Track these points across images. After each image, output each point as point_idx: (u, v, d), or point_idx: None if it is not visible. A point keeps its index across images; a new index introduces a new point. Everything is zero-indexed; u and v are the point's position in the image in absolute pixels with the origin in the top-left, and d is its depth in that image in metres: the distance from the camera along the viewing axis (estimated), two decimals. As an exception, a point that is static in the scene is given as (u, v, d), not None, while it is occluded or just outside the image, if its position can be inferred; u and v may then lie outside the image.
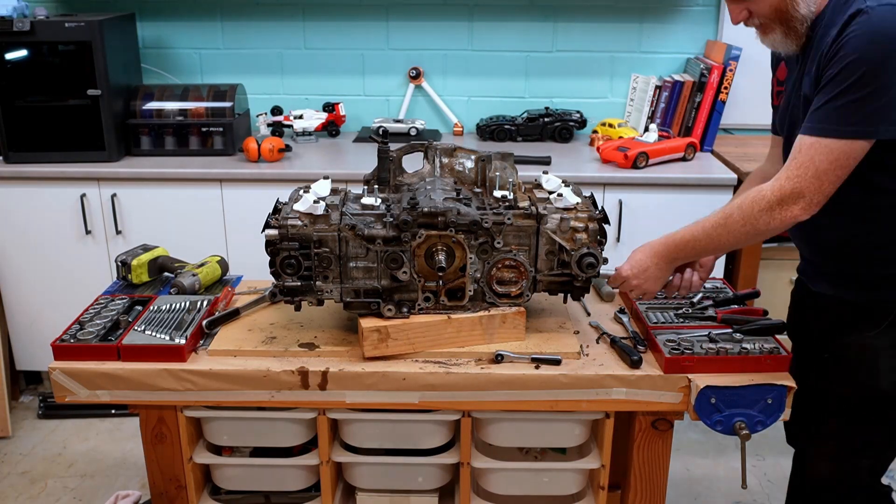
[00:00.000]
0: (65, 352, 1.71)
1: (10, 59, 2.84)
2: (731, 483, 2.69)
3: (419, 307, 1.72)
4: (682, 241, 1.68)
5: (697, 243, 1.66)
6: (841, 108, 1.45)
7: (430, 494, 1.91)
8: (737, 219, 1.57)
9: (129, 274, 2.04)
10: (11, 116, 2.87)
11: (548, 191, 1.81)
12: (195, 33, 3.34)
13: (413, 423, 1.80)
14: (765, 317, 1.82)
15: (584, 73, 3.37)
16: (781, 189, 1.51)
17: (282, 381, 1.68)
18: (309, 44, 3.36)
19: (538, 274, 1.74)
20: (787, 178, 1.50)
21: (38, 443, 2.92)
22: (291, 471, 1.87)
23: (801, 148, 1.49)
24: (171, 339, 1.72)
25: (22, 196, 2.89)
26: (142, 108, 3.03)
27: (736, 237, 1.60)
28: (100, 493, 2.63)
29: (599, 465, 1.80)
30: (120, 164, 2.92)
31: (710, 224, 1.63)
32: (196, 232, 2.89)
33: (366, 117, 3.44)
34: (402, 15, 3.31)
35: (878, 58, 1.40)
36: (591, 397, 1.68)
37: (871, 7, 1.42)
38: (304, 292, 1.71)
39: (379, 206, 1.72)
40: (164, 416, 1.76)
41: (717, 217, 1.62)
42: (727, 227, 1.60)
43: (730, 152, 3.02)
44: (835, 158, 1.46)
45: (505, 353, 1.70)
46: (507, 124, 3.25)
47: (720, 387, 1.63)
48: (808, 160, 1.47)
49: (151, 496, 1.85)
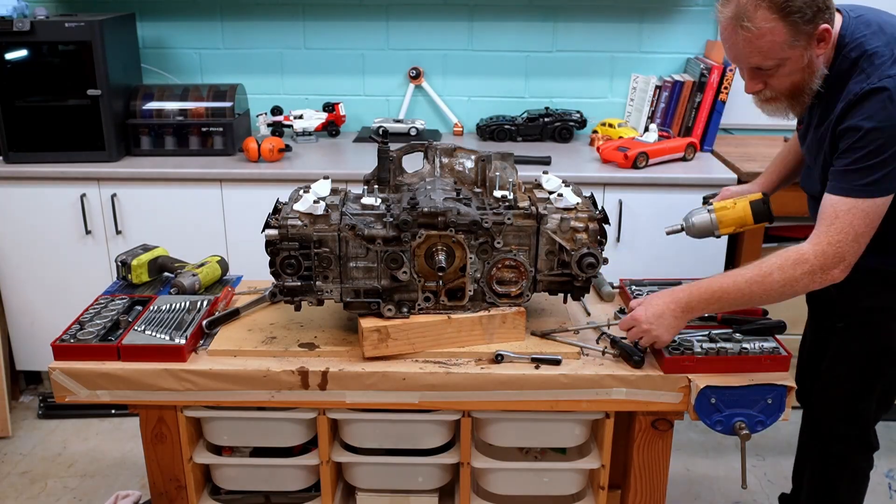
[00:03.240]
0: (65, 352, 1.71)
1: (10, 59, 2.84)
2: (731, 483, 2.69)
3: (419, 307, 1.72)
4: (709, 292, 1.63)
5: (727, 296, 1.62)
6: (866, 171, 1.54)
7: (430, 494, 1.91)
8: (777, 279, 1.58)
9: (129, 274, 2.04)
10: (11, 116, 2.87)
11: (548, 191, 1.81)
12: (195, 33, 3.34)
13: (413, 423, 1.80)
14: (765, 317, 1.82)
15: (584, 73, 3.37)
16: (825, 254, 1.56)
17: (282, 381, 1.68)
18: (309, 44, 3.36)
19: (538, 274, 1.74)
20: (829, 244, 1.56)
21: (38, 443, 2.92)
22: (291, 471, 1.88)
23: (838, 214, 1.56)
24: (171, 339, 1.72)
25: (22, 196, 2.89)
26: (142, 108, 3.03)
27: (771, 296, 1.61)
28: (100, 493, 2.63)
29: (599, 465, 1.81)
30: (120, 164, 2.92)
31: (744, 280, 1.60)
32: (196, 232, 2.89)
33: (366, 117, 3.44)
34: (402, 15, 3.31)
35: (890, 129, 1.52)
36: (591, 397, 1.68)
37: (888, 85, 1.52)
38: (304, 292, 1.71)
39: (379, 206, 1.72)
40: (164, 416, 1.76)
41: (753, 273, 1.60)
42: (764, 286, 1.59)
43: (730, 152, 3.02)
44: (870, 220, 1.56)
45: (505, 353, 1.70)
46: (507, 124, 3.25)
47: (720, 387, 1.63)
48: (847, 226, 1.55)
49: (151, 496, 1.85)
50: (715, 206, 1.90)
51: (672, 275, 2.09)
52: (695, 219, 1.91)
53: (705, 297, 1.63)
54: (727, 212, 1.88)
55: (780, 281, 1.58)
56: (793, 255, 1.58)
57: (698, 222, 1.91)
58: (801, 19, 1.52)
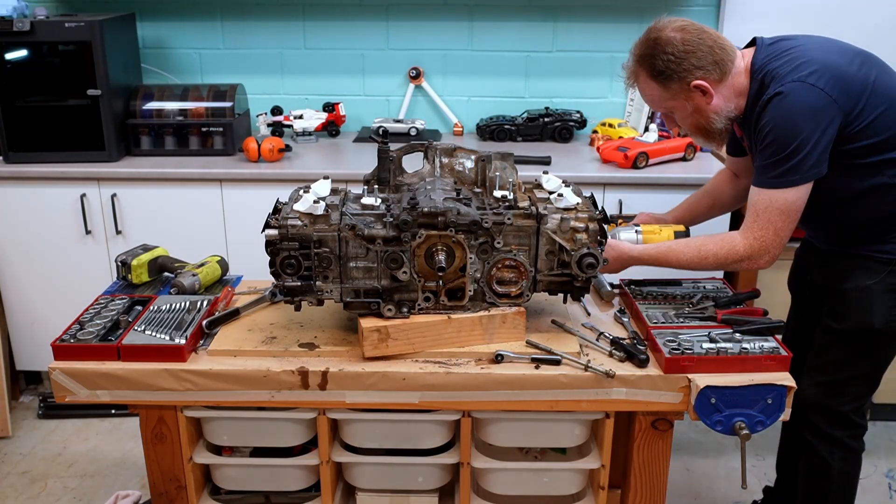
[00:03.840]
0: (65, 352, 1.71)
1: (10, 59, 2.84)
2: (731, 483, 2.69)
3: (419, 307, 1.72)
4: (656, 249, 1.90)
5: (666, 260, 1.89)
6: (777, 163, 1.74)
7: (430, 494, 1.91)
8: (711, 262, 1.84)
9: (129, 274, 2.04)
10: (11, 116, 2.87)
11: (548, 191, 1.81)
12: (195, 33, 3.34)
13: (413, 423, 1.80)
14: (765, 317, 1.82)
15: (584, 73, 3.37)
16: (751, 248, 1.81)
17: (282, 381, 1.68)
18: (309, 44, 3.36)
19: (538, 274, 1.74)
20: (755, 239, 1.80)
21: (38, 443, 2.92)
22: (291, 471, 1.88)
23: (759, 211, 1.79)
24: (171, 339, 1.72)
25: (22, 196, 2.89)
26: (142, 108, 3.03)
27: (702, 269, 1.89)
28: (100, 493, 2.63)
29: (599, 465, 1.80)
30: (120, 164, 2.92)
31: (685, 258, 1.87)
32: (196, 232, 2.89)
33: (366, 117, 3.44)
34: (402, 15, 3.31)
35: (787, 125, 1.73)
36: (591, 397, 1.68)
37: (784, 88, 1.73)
38: (304, 292, 1.71)
39: (379, 206, 1.72)
40: (164, 416, 1.76)
41: (693, 255, 1.86)
42: (700, 262, 1.86)
43: (730, 152, 3.03)
44: (787, 215, 1.77)
45: (505, 353, 1.70)
46: (507, 124, 3.25)
47: (720, 387, 1.63)
48: (766, 222, 1.78)
49: (151, 496, 1.85)
50: (643, 229, 2.02)
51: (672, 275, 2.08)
52: (622, 235, 2.00)
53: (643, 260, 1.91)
54: (653, 236, 2.00)
55: (714, 263, 1.84)
56: (727, 244, 1.83)
57: (624, 238, 1.99)
58: (669, 79, 1.80)
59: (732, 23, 3.19)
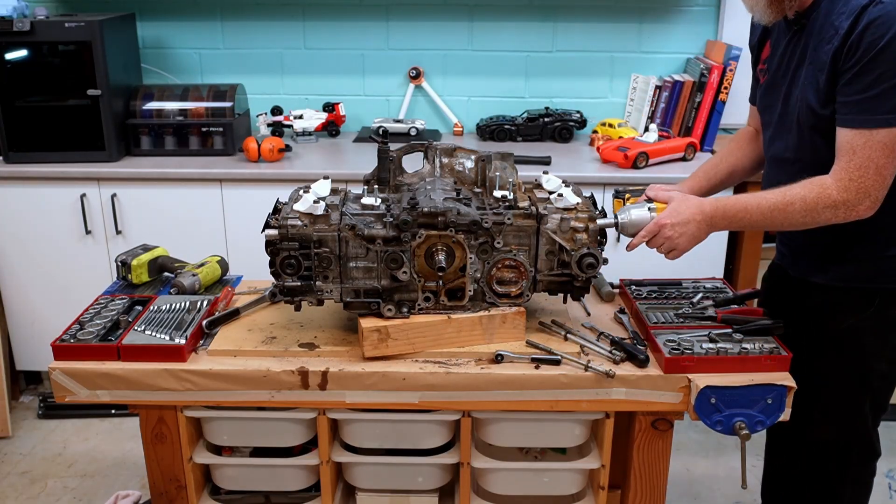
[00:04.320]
0: (65, 352, 1.71)
1: (10, 59, 2.84)
2: (731, 483, 2.69)
3: (419, 307, 1.71)
4: (734, 210, 1.63)
5: (749, 217, 1.62)
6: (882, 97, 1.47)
7: (430, 494, 1.91)
8: (798, 209, 1.57)
9: (129, 274, 2.04)
10: (11, 116, 2.87)
11: (548, 191, 1.81)
12: (195, 33, 3.34)
13: (413, 423, 1.80)
14: (765, 317, 1.82)
15: (584, 73, 3.37)
16: (847, 189, 1.53)
17: (282, 381, 1.68)
18: (309, 44, 3.36)
19: (538, 274, 1.74)
20: (851, 179, 1.53)
21: (38, 443, 2.92)
22: (291, 471, 1.88)
23: (855, 148, 1.52)
24: (171, 339, 1.71)
25: (22, 196, 2.89)
26: (142, 108, 3.03)
27: (792, 224, 1.61)
28: (100, 493, 2.63)
29: (599, 465, 1.80)
30: (120, 164, 2.92)
31: (767, 205, 1.60)
32: (196, 232, 2.89)
33: (366, 117, 3.44)
34: (402, 15, 3.31)
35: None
36: (591, 397, 1.68)
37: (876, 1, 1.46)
38: (304, 292, 1.71)
39: (379, 206, 1.72)
40: (164, 416, 1.76)
41: (776, 200, 1.60)
42: (786, 214, 1.59)
43: (730, 152, 3.02)
44: (890, 150, 1.50)
45: (505, 353, 1.70)
46: (507, 124, 3.25)
47: (720, 387, 1.63)
48: (866, 159, 1.51)
49: (151, 496, 1.85)
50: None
51: (672, 275, 2.09)
52: (633, 212, 1.76)
53: (729, 214, 1.63)
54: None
55: (802, 211, 1.57)
56: (816, 187, 1.56)
57: (636, 217, 1.76)
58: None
59: (732, 23, 3.19)
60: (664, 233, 1.67)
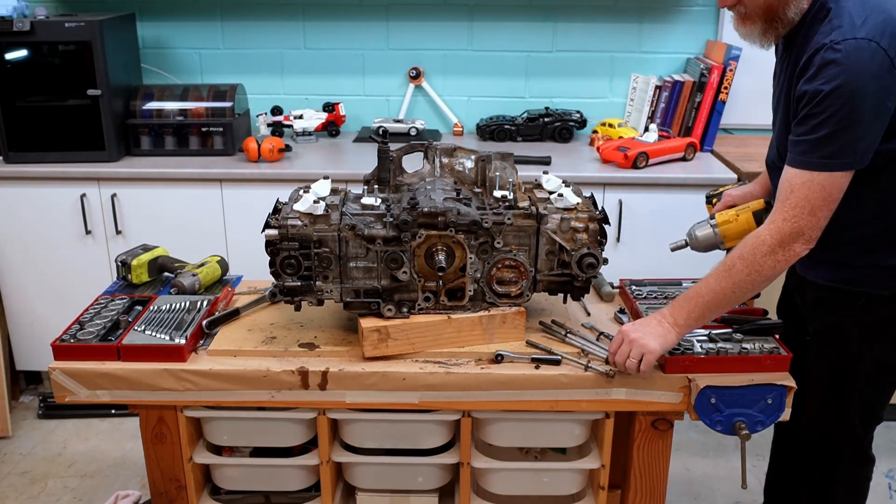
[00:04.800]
0: (65, 352, 1.71)
1: (10, 59, 2.83)
2: (731, 483, 2.69)
3: (419, 307, 1.72)
4: (688, 296, 1.62)
5: (703, 299, 1.60)
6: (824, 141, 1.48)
7: (430, 494, 1.91)
8: (740, 268, 1.56)
9: (129, 274, 2.04)
10: (11, 116, 2.87)
11: (548, 191, 1.81)
12: (195, 33, 3.34)
13: (413, 423, 1.80)
14: (765, 317, 1.82)
15: (583, 73, 3.37)
16: (780, 231, 1.53)
17: (282, 381, 1.68)
18: (309, 44, 3.36)
19: (538, 274, 1.74)
20: (784, 220, 1.53)
21: (38, 443, 2.92)
22: (291, 471, 1.88)
23: (794, 187, 1.53)
24: (171, 339, 1.72)
25: (22, 196, 2.89)
26: (142, 108, 3.03)
27: (742, 287, 1.58)
28: (100, 493, 2.63)
29: (599, 465, 1.80)
30: (120, 164, 2.92)
31: (713, 280, 1.60)
32: (196, 232, 2.89)
33: (366, 117, 3.44)
34: (402, 15, 3.31)
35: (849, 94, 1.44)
36: (591, 397, 1.68)
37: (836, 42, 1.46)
38: (304, 292, 1.71)
39: (379, 206, 1.72)
40: (164, 416, 1.76)
41: (720, 270, 1.60)
42: (732, 279, 1.57)
43: (730, 152, 3.02)
44: (827, 193, 1.51)
45: (505, 353, 1.70)
46: (507, 124, 3.25)
47: (720, 387, 1.63)
48: (803, 199, 1.51)
49: (151, 496, 1.85)
50: (718, 221, 1.86)
51: (672, 274, 2.09)
52: (698, 233, 1.87)
53: (686, 306, 1.62)
54: (731, 226, 1.85)
55: (744, 269, 1.56)
56: (750, 241, 1.57)
57: (702, 237, 1.87)
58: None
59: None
60: (628, 337, 1.62)
